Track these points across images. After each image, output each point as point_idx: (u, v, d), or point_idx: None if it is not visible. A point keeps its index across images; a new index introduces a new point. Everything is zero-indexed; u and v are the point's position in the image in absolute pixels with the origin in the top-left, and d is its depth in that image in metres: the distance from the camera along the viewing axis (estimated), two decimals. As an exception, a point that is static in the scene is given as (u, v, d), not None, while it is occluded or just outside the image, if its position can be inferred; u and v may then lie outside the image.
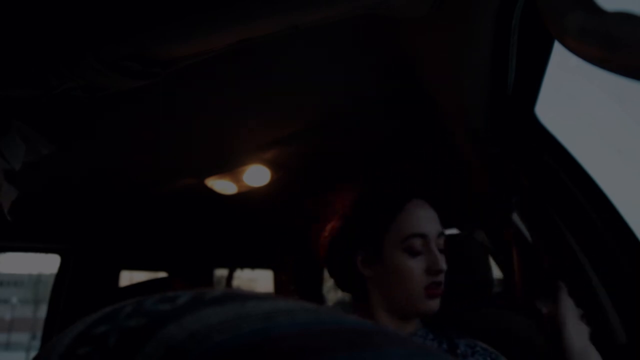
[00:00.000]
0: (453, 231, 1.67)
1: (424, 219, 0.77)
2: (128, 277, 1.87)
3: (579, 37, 0.31)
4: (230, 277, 2.57)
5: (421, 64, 0.83)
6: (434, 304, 0.74)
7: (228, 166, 1.27)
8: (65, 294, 1.55)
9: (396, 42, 0.77)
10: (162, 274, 2.08)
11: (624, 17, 0.29)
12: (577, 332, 0.68)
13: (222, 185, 1.38)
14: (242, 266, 2.58)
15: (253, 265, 2.68)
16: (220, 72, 0.82)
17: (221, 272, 2.61)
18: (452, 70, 0.79)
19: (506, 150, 0.97)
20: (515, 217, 0.94)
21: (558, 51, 0.75)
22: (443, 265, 0.74)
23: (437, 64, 0.81)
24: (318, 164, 1.34)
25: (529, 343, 0.90)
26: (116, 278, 1.76)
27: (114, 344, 0.14)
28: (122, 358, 0.14)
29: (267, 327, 0.14)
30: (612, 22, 0.29)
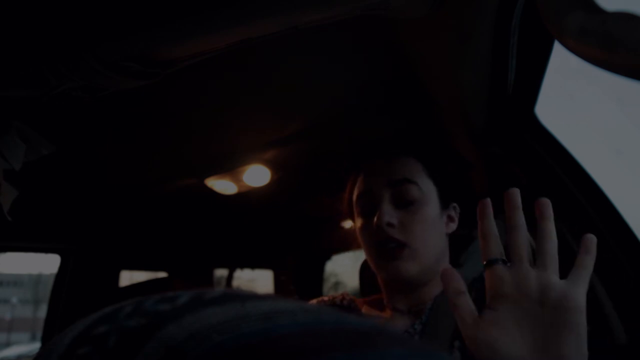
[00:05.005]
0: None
1: (371, 175, 0.70)
2: (128, 277, 1.87)
3: (579, 37, 0.31)
4: (230, 277, 2.57)
5: (421, 64, 0.83)
6: (394, 266, 0.63)
7: (228, 166, 1.27)
8: (65, 294, 1.55)
9: (396, 42, 0.77)
10: (162, 274, 2.08)
11: (624, 17, 0.29)
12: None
13: (222, 185, 1.38)
14: (242, 266, 2.58)
15: (253, 265, 2.68)
16: (220, 72, 0.82)
17: (221, 272, 2.61)
18: (452, 70, 0.79)
19: (506, 150, 0.97)
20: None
21: (558, 51, 0.75)
22: (385, 217, 0.63)
23: (437, 64, 0.81)
24: (318, 164, 1.34)
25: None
26: (116, 278, 1.76)
27: (114, 344, 0.14)
28: (121, 358, 0.14)
29: (267, 328, 0.14)
30: (612, 22, 0.29)
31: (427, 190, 0.68)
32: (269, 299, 0.16)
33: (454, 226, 0.73)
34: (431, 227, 0.67)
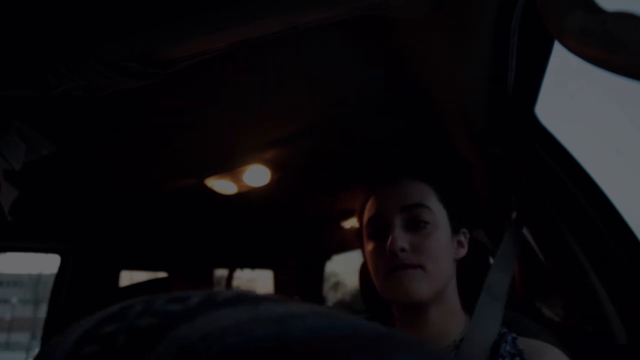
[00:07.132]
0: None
1: (383, 199, 0.70)
2: (128, 277, 1.87)
3: (579, 37, 0.31)
4: (230, 277, 2.57)
5: (421, 64, 0.83)
6: (401, 286, 0.63)
7: (228, 166, 1.27)
8: (65, 294, 1.55)
9: (396, 43, 0.77)
10: (162, 274, 2.08)
11: (624, 17, 0.29)
12: None
13: (222, 185, 1.38)
14: (242, 266, 2.58)
15: (253, 265, 2.68)
16: (220, 72, 0.82)
17: (221, 272, 2.61)
18: (452, 70, 0.79)
19: (506, 150, 0.97)
20: (515, 217, 0.94)
21: (558, 51, 0.75)
22: (398, 242, 0.64)
23: (437, 64, 0.81)
24: (318, 164, 1.34)
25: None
26: (116, 278, 1.76)
27: (123, 344, 0.14)
28: (131, 358, 0.14)
29: (280, 331, 0.14)
30: (612, 22, 0.29)
31: (438, 214, 0.69)
32: (282, 302, 0.16)
33: (463, 252, 0.73)
34: (443, 250, 0.67)
